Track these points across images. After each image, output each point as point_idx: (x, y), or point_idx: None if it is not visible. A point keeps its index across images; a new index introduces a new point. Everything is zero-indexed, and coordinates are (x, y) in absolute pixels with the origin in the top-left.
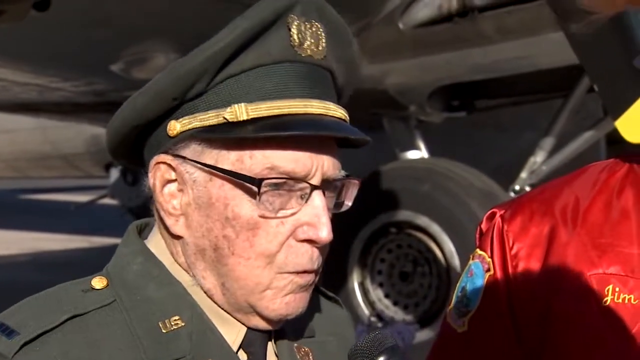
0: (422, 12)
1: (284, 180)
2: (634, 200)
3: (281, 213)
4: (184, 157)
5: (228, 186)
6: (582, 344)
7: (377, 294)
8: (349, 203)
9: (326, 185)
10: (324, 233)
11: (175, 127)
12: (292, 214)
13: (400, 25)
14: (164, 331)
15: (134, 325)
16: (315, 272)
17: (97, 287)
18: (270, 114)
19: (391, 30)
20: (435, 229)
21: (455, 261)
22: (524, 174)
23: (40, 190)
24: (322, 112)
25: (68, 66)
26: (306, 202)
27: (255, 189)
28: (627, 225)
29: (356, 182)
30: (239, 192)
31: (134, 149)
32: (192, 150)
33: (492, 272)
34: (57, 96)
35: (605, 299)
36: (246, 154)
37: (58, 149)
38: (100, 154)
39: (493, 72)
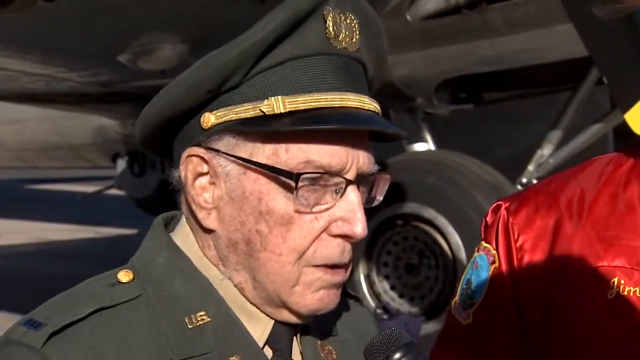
0: (430, 3)
1: (319, 174)
2: (637, 198)
3: (316, 208)
4: (217, 150)
5: (263, 180)
6: (587, 337)
7: (383, 286)
8: (380, 198)
9: (360, 180)
10: (359, 228)
11: (209, 119)
12: (327, 209)
13: (408, 17)
14: (189, 326)
15: (160, 319)
16: (345, 268)
17: (124, 280)
18: (308, 107)
19: (399, 21)
20: (442, 221)
21: (462, 254)
22: (531, 167)
23: (47, 180)
24: (358, 106)
25: (75, 57)
26: (341, 197)
27: (292, 183)
28: (633, 218)
29: (387, 176)
30: (273, 187)
31: (163, 141)
32: (226, 143)
33: (497, 264)
34: (64, 87)
35: (611, 291)
36: (282, 148)
37: (65, 140)
38: (107, 144)
39: (501, 64)
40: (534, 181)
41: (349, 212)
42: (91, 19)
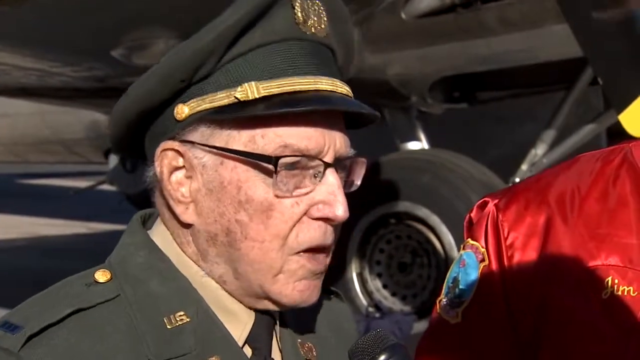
0: (425, 2)
1: (298, 158)
2: (630, 189)
3: (296, 192)
4: (192, 142)
5: (241, 168)
6: (581, 337)
7: (375, 284)
8: (358, 182)
9: (337, 163)
10: (340, 211)
11: (183, 110)
12: (307, 193)
13: (403, 15)
14: (168, 327)
15: (138, 320)
16: (327, 253)
17: (101, 280)
18: (282, 91)
19: (394, 20)
20: (435, 220)
21: (454, 253)
22: (524, 167)
23: (39, 175)
24: (331, 89)
25: (69, 51)
26: (320, 180)
27: (271, 167)
28: (625, 214)
29: (364, 160)
30: (252, 174)
31: (135, 139)
32: (201, 133)
33: (486, 262)
34: (57, 81)
35: (605, 291)
36: (258, 134)
37: (57, 134)
38: (100, 139)
39: (495, 63)
40: None
41: (329, 194)
42: (85, 14)
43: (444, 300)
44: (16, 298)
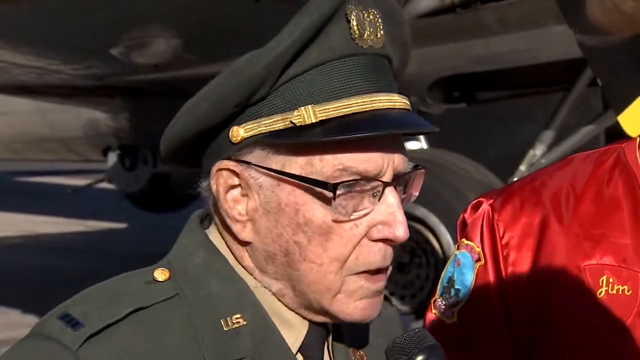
0: (425, 2)
1: (356, 181)
2: (623, 189)
3: (355, 215)
4: (248, 163)
5: (298, 191)
6: (577, 336)
7: None
8: (416, 193)
9: (396, 180)
10: (401, 231)
11: (238, 133)
12: (366, 214)
13: None
14: (225, 329)
15: (196, 320)
16: (386, 272)
17: (160, 279)
18: (338, 114)
19: None
20: (433, 220)
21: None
22: (523, 167)
23: (37, 173)
24: (389, 106)
25: (68, 49)
26: (379, 200)
27: (329, 194)
28: (619, 214)
29: (423, 171)
30: (310, 197)
31: (189, 154)
32: (257, 155)
33: (482, 262)
34: (56, 79)
35: (600, 290)
36: (316, 157)
37: (56, 132)
38: (98, 138)
39: (494, 64)
40: None
41: (389, 215)
42: (85, 12)
43: (439, 300)
44: (14, 296)
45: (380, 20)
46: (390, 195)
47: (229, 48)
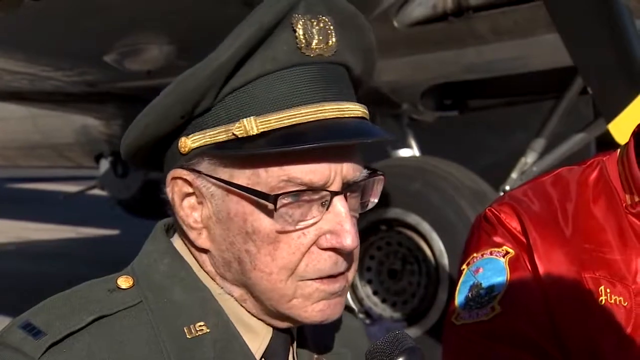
0: (418, 10)
1: (301, 191)
2: (606, 206)
3: (301, 225)
4: (199, 172)
5: (245, 202)
6: (588, 339)
7: (365, 290)
8: (375, 200)
9: (348, 188)
10: (348, 241)
11: (186, 144)
12: (314, 224)
13: (395, 23)
14: (188, 337)
15: (159, 328)
16: (343, 276)
17: (123, 286)
18: (280, 125)
19: (386, 27)
20: (425, 227)
21: (445, 260)
22: (514, 175)
23: (29, 179)
24: (337, 115)
25: (61, 56)
26: (327, 209)
27: (271, 205)
28: (605, 234)
29: (381, 177)
30: (256, 207)
31: (151, 157)
32: (206, 165)
33: (511, 254)
34: (48, 85)
35: (601, 298)
36: (261, 168)
37: (48, 139)
38: (90, 144)
39: (486, 72)
40: None
41: (337, 224)
42: (78, 19)
43: (464, 312)
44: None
45: (332, 28)
46: (339, 205)
47: None
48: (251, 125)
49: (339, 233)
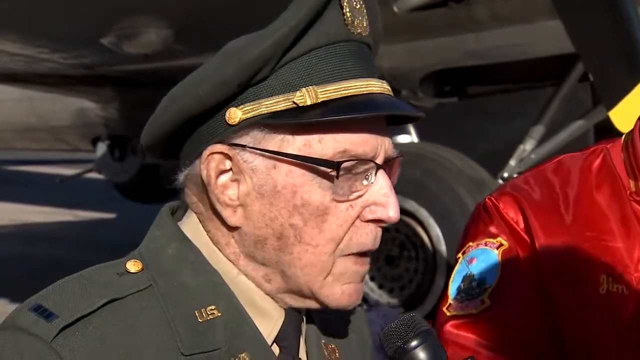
0: None
1: (355, 162)
2: (610, 194)
3: (352, 195)
4: (242, 145)
5: (297, 172)
6: (586, 327)
7: None
8: (395, 180)
9: (387, 162)
10: (393, 212)
11: (236, 114)
12: (360, 196)
13: (395, 9)
14: (200, 320)
15: (170, 312)
16: (368, 261)
17: (132, 270)
18: (339, 96)
19: (386, 13)
20: (423, 213)
21: (442, 246)
22: (512, 162)
23: (25, 162)
24: (381, 91)
25: (58, 38)
26: (372, 182)
27: (332, 172)
28: (607, 222)
29: (401, 158)
30: (308, 178)
31: (169, 144)
32: (253, 137)
33: (505, 246)
34: (45, 68)
35: (602, 287)
36: (314, 139)
37: (44, 121)
38: (88, 127)
39: (486, 58)
40: (515, 176)
41: (382, 196)
42: (75, 0)
43: (455, 302)
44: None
45: (365, 10)
46: (382, 177)
47: (220, 39)
48: (312, 94)
49: (384, 204)
